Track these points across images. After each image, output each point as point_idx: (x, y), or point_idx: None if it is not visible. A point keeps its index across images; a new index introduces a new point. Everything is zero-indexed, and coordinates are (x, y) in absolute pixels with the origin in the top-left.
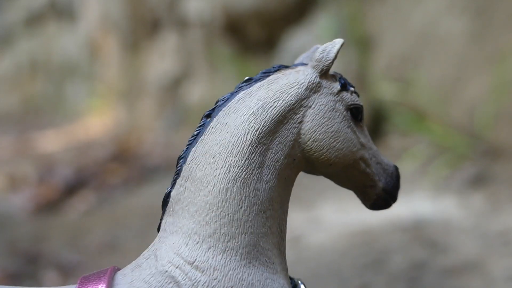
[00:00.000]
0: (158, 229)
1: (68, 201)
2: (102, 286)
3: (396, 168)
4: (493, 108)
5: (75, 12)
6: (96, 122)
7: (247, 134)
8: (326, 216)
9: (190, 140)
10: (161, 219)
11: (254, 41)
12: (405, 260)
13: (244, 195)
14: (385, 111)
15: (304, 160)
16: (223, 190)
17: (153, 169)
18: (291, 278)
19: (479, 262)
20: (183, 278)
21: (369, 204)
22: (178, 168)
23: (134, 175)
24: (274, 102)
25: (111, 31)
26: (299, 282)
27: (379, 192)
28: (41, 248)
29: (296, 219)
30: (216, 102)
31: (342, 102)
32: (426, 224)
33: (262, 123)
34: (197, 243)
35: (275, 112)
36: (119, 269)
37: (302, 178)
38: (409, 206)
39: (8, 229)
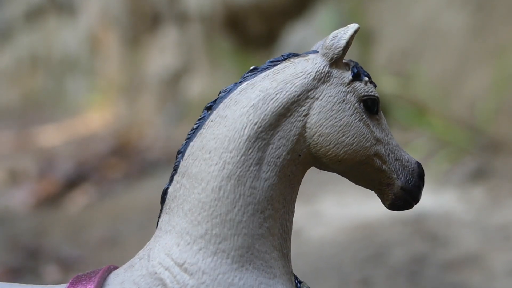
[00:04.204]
0: (157, 227)
1: (69, 195)
2: (90, 287)
3: (419, 165)
4: (493, 102)
5: (75, 7)
6: (96, 116)
7: (244, 128)
8: (326, 209)
9: (189, 134)
10: (159, 216)
11: (255, 36)
12: (406, 253)
13: (238, 194)
14: (385, 105)
15: (311, 156)
16: (216, 188)
17: (153, 164)
18: (299, 282)
19: (479, 256)
20: (171, 281)
21: (387, 204)
22: (176, 164)
23: (135, 170)
24: (276, 94)
25: (111, 26)
26: (305, 287)
27: (397, 191)
28: (42, 243)
29: (296, 213)
30: (219, 94)
31: (354, 93)
32: (427, 218)
33: (262, 116)
34: (188, 244)
35: (276, 104)
36: (115, 268)
37: None
38: None
39: (9, 223)
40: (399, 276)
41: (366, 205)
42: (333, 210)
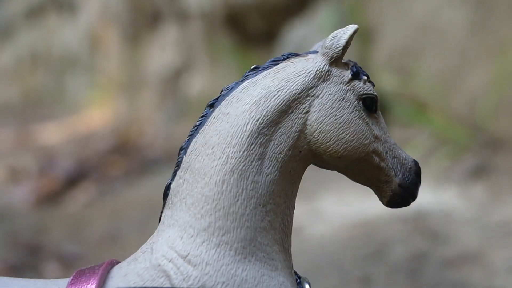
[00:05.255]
0: (159, 222)
1: (69, 193)
2: (94, 280)
3: (416, 163)
4: (494, 99)
5: (76, 4)
6: (96, 114)
7: (247, 124)
8: (327, 207)
9: (191, 131)
10: (161, 212)
11: (255, 33)
12: (406, 251)
13: (241, 187)
14: (386, 103)
15: (311, 153)
16: (219, 182)
17: (153, 161)
18: (299, 277)
19: (480, 253)
20: (174, 272)
21: (385, 201)
22: (179, 160)
23: (135, 167)
24: (277, 91)
25: (111, 23)
26: (305, 282)
27: (395, 188)
28: (42, 240)
29: (297, 211)
30: (221, 92)
31: (353, 92)
32: (427, 215)
33: (264, 113)
34: (192, 236)
35: (278, 101)
36: (118, 262)
37: None
38: None
39: (9, 221)
40: (400, 273)
41: (367, 203)
42: (334, 208)
